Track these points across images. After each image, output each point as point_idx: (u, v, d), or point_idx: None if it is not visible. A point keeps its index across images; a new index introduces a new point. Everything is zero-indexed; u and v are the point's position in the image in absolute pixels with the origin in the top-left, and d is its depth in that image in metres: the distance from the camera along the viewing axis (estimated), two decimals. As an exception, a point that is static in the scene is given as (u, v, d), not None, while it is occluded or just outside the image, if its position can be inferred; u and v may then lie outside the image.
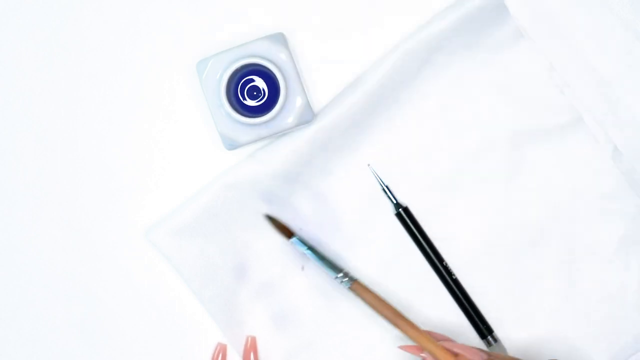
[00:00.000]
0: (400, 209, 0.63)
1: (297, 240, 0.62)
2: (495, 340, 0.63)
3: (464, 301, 0.63)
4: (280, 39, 0.61)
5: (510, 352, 0.64)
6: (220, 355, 0.63)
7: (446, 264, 0.63)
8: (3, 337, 0.64)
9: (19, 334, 0.64)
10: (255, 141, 0.61)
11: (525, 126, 0.64)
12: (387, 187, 0.64)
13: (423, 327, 0.63)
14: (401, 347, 0.60)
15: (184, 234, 0.62)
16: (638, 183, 0.64)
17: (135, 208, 0.64)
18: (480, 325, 0.63)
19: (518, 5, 0.63)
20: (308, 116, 0.61)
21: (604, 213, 0.63)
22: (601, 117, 0.64)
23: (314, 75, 0.64)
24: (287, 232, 0.62)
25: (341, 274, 0.61)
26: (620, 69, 0.64)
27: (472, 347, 0.58)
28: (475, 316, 0.63)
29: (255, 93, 0.60)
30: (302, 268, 0.64)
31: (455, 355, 0.57)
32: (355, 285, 0.61)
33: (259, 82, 0.60)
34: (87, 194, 0.64)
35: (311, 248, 0.62)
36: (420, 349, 0.59)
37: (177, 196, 0.63)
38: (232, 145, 0.61)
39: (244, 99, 0.61)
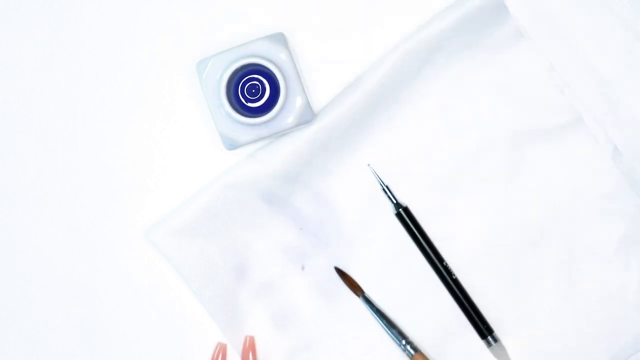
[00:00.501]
0: (400, 209, 0.63)
1: (364, 299, 0.63)
2: (495, 340, 0.63)
3: (464, 301, 0.63)
4: (280, 39, 0.61)
5: (510, 352, 0.63)
6: (221, 355, 0.63)
7: (446, 264, 0.63)
8: (3, 337, 0.64)
9: (19, 334, 0.64)
10: (255, 141, 0.61)
11: (525, 126, 0.64)
12: (387, 187, 0.64)
13: (422, 329, 0.63)
14: None
15: (184, 234, 0.62)
16: (638, 183, 0.64)
17: (135, 208, 0.64)
18: (480, 325, 0.63)
19: (518, 5, 0.63)
20: (308, 116, 0.61)
21: (604, 213, 0.63)
22: (601, 117, 0.64)
23: (314, 75, 0.64)
24: (358, 289, 0.63)
25: (404, 342, 0.62)
26: (620, 69, 0.64)
27: None
28: (475, 316, 0.63)
29: (254, 91, 0.60)
30: (302, 268, 0.64)
31: None
32: (417, 357, 0.62)
33: (259, 82, 0.60)
34: (87, 194, 0.64)
35: (378, 311, 0.63)
36: None
37: (177, 196, 0.63)
38: (232, 145, 0.61)
39: (244, 99, 0.60)
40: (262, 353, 0.63)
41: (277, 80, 0.60)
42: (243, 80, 0.60)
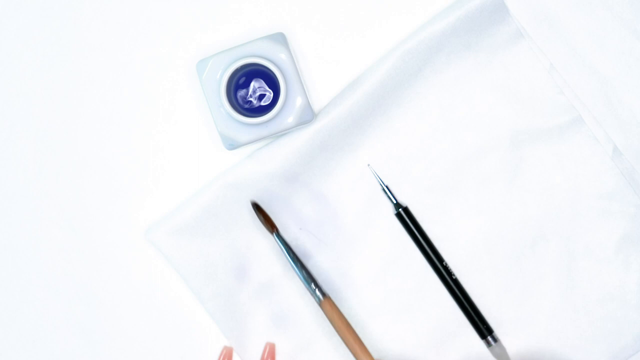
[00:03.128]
0: (400, 209, 0.63)
1: (277, 236, 0.62)
2: (495, 340, 0.63)
3: (464, 301, 0.63)
4: (280, 39, 0.61)
5: (510, 352, 0.64)
6: (226, 359, 0.63)
7: (446, 264, 0.63)
8: (3, 337, 0.64)
9: (19, 334, 0.64)
10: (255, 141, 0.61)
11: (525, 126, 0.64)
12: (387, 187, 0.64)
13: (422, 329, 0.63)
14: None
15: (184, 234, 0.62)
16: (638, 183, 0.64)
17: (135, 208, 0.64)
18: (480, 325, 0.63)
19: (518, 5, 0.63)
20: (308, 116, 0.61)
21: (604, 213, 0.63)
22: (601, 117, 0.64)
23: (314, 75, 0.64)
24: (272, 226, 0.62)
25: (313, 285, 0.61)
26: (620, 69, 0.64)
27: None
28: (475, 316, 0.63)
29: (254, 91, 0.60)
30: (302, 268, 0.64)
31: None
32: (325, 302, 0.61)
33: (259, 82, 0.60)
34: (87, 194, 0.64)
35: (289, 250, 0.62)
36: None
37: (177, 196, 0.63)
38: (232, 145, 0.61)
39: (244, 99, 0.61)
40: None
41: (277, 80, 0.60)
42: (243, 80, 0.60)
